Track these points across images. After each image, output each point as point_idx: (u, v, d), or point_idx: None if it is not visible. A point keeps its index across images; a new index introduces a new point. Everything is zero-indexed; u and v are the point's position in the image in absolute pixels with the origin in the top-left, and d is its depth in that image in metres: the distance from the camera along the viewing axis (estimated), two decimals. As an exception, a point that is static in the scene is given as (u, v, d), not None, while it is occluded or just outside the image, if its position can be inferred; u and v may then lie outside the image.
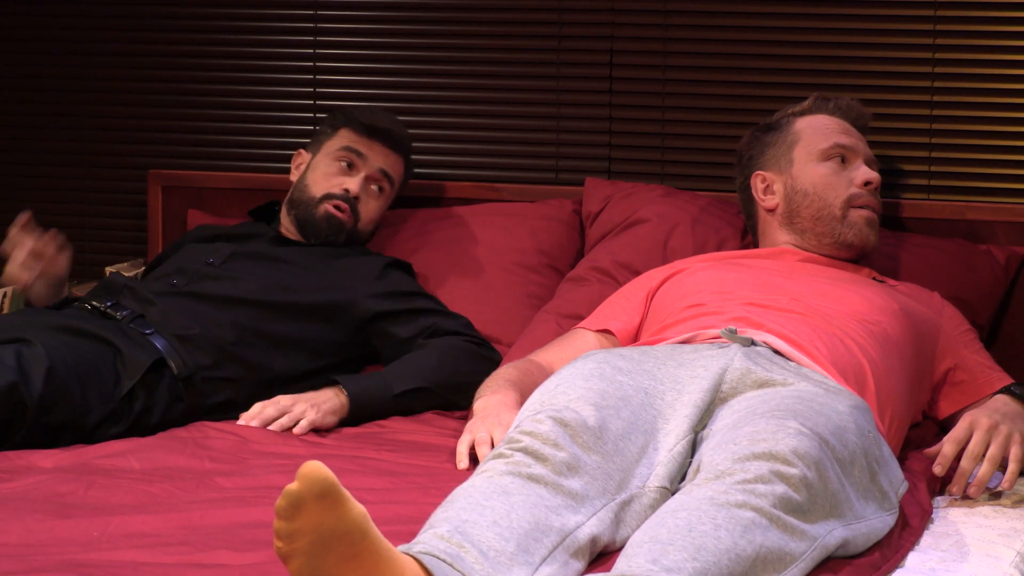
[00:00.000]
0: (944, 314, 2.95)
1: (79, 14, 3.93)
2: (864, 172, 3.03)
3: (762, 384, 2.42)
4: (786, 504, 2.04)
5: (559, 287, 3.35)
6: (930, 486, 2.56)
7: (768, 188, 3.09)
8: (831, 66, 3.43)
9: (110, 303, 3.05)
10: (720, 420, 2.33)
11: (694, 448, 2.31)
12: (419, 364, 3.03)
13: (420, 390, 2.99)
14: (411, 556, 1.88)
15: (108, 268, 3.59)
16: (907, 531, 2.33)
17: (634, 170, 3.57)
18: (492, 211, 3.54)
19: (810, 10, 3.44)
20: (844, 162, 3.05)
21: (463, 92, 3.69)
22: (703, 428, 2.34)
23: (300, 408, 2.86)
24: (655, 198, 3.42)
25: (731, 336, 2.58)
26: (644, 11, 3.55)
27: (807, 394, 2.33)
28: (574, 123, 3.61)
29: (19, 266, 3.11)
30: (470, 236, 3.47)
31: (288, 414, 2.84)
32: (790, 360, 2.56)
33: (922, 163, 3.39)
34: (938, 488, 2.61)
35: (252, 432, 2.80)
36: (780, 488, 2.05)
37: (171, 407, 2.92)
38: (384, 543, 1.84)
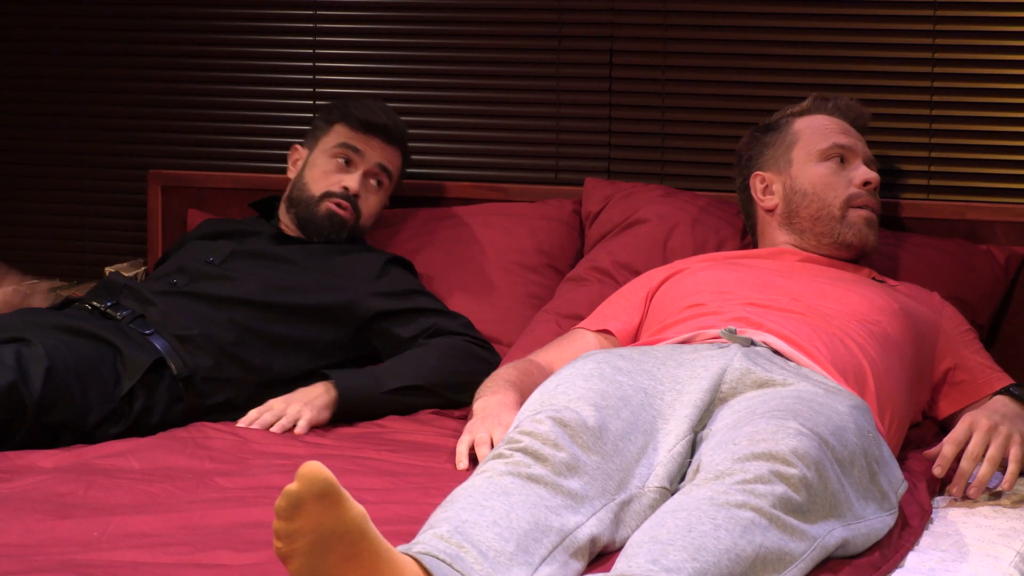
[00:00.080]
0: (944, 314, 2.95)
1: (79, 14, 3.93)
2: (863, 172, 3.03)
3: (762, 384, 2.42)
4: (786, 504, 2.04)
5: (559, 287, 3.35)
6: (930, 486, 2.56)
7: (767, 188, 3.09)
8: (831, 66, 3.42)
9: (110, 303, 3.05)
10: (720, 420, 2.33)
11: (694, 448, 2.31)
12: (418, 363, 3.03)
13: (416, 388, 2.99)
14: (411, 556, 1.88)
15: (108, 268, 3.59)
16: (907, 531, 2.33)
17: (634, 170, 3.57)
18: (492, 211, 3.54)
19: (810, 10, 3.44)
20: (843, 162, 3.05)
21: (463, 92, 3.69)
22: (703, 428, 2.34)
23: (295, 409, 2.86)
24: (655, 198, 3.42)
25: (731, 336, 2.58)
26: (644, 11, 3.55)
27: (807, 394, 2.33)
28: (574, 123, 3.61)
29: None
30: (470, 236, 3.47)
31: (284, 417, 2.85)
32: (790, 360, 2.56)
33: (922, 163, 3.39)
34: (938, 488, 2.61)
35: (252, 432, 2.80)
36: (780, 488, 2.05)
37: (171, 407, 2.92)
38: (383, 543, 1.84)
